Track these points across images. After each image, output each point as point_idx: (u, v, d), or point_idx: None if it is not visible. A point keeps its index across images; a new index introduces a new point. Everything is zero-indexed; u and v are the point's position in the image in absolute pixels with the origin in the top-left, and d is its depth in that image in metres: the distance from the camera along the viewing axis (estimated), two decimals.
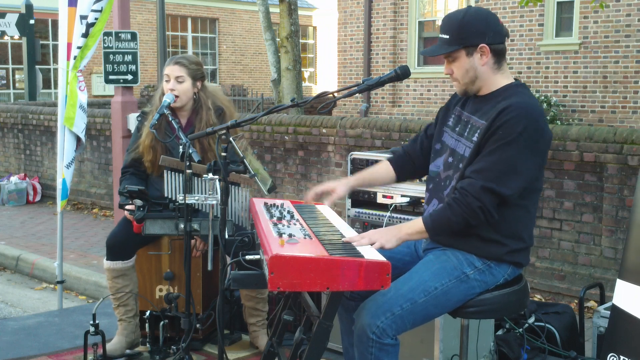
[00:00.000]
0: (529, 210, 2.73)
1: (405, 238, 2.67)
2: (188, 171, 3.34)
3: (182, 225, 3.47)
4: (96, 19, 4.87)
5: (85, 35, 4.87)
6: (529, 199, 2.70)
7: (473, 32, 2.66)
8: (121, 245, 3.84)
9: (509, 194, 2.58)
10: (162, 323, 3.85)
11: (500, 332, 3.84)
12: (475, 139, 2.68)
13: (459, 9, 2.85)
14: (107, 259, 3.86)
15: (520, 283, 2.79)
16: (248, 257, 2.60)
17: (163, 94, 3.84)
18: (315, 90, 24.85)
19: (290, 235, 2.56)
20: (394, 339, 2.58)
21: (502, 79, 2.74)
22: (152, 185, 3.92)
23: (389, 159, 3.08)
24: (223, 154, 2.94)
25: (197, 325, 3.85)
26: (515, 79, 2.79)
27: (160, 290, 4.05)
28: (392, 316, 2.56)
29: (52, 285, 6.07)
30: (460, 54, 2.68)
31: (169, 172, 3.63)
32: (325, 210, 3.25)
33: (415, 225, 2.68)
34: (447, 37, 2.69)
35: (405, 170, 3.06)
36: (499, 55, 2.71)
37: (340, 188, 2.96)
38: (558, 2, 11.86)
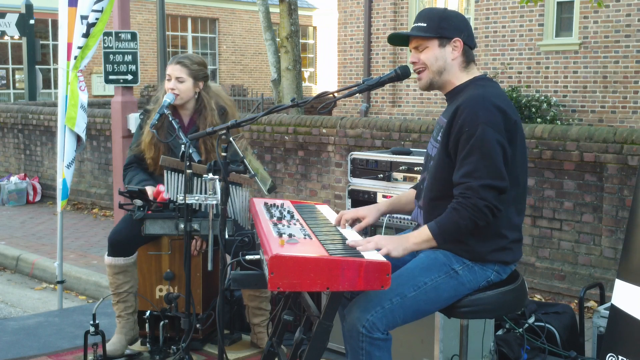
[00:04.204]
0: (511, 204, 2.69)
1: (413, 248, 2.67)
2: (188, 171, 3.34)
3: (182, 225, 3.48)
4: (97, 19, 4.88)
5: (86, 35, 4.87)
6: (511, 189, 2.67)
7: (451, 26, 2.74)
8: (123, 242, 3.84)
9: (505, 184, 2.60)
10: (162, 323, 3.85)
11: (500, 332, 3.83)
12: (439, 138, 2.74)
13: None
14: (109, 255, 3.86)
15: (516, 282, 2.78)
16: (248, 257, 2.61)
17: (165, 93, 3.85)
18: (315, 90, 24.83)
19: (290, 235, 2.56)
20: (385, 333, 2.57)
21: (467, 77, 2.80)
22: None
23: (414, 187, 3.10)
24: (223, 154, 2.95)
25: (197, 325, 3.85)
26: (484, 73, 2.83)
27: (160, 290, 4.05)
28: (382, 310, 2.57)
29: (52, 285, 6.08)
30: (432, 44, 2.75)
31: (170, 172, 3.63)
32: (325, 210, 3.26)
33: (422, 234, 2.67)
34: (424, 25, 2.75)
35: None
36: (468, 57, 2.79)
37: (371, 215, 2.97)
38: (558, 2, 11.85)
